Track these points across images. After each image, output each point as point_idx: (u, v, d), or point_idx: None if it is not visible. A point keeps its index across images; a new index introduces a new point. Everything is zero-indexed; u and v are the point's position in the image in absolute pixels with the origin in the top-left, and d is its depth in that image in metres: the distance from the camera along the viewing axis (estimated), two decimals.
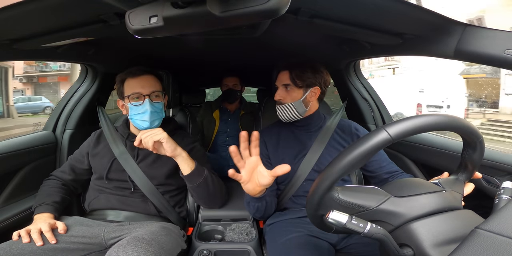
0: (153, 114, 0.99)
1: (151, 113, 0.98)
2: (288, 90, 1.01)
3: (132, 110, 0.99)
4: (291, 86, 1.01)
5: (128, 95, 0.99)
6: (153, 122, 1.00)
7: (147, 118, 0.98)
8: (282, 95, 1.02)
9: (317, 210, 0.51)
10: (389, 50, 0.95)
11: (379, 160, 1.01)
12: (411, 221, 0.46)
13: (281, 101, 1.02)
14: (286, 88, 1.02)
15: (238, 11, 0.43)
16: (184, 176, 0.96)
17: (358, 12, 0.67)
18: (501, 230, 0.35)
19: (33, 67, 13.76)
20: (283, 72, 1.02)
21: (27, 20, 0.66)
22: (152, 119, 0.99)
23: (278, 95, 1.02)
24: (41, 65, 13.57)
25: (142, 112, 0.98)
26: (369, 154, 0.44)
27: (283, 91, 1.02)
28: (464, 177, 0.57)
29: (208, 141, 1.95)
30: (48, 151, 1.24)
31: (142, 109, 0.98)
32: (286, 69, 1.02)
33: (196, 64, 1.69)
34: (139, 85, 0.99)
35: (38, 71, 13.87)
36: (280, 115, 1.04)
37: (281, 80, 1.02)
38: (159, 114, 1.02)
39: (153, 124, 1.00)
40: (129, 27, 0.50)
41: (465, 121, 0.49)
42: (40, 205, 0.94)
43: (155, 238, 0.81)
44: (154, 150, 0.91)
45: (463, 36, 0.67)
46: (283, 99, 1.02)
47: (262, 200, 0.88)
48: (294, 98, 1.01)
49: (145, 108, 0.97)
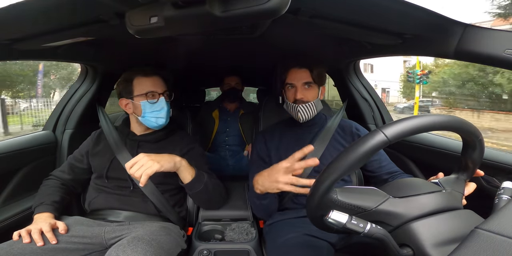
0: (168, 111, 1.04)
1: (167, 111, 1.03)
2: (308, 88, 0.99)
3: (147, 108, 1.00)
4: (312, 84, 0.99)
5: (143, 93, 1.00)
6: (168, 119, 1.04)
7: (163, 115, 1.01)
8: (304, 94, 0.99)
9: (317, 211, 0.51)
10: (389, 50, 0.95)
11: (379, 160, 1.01)
12: (411, 221, 0.46)
13: (302, 100, 0.98)
14: (307, 86, 0.99)
15: (238, 11, 0.43)
16: (185, 184, 0.96)
17: (358, 12, 0.67)
18: (501, 230, 0.35)
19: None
20: (302, 69, 0.99)
21: (27, 20, 0.66)
22: (167, 116, 1.03)
23: (300, 93, 0.98)
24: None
25: (159, 109, 1.01)
26: (366, 156, 0.44)
27: (304, 89, 0.99)
28: (465, 176, 0.57)
29: (207, 141, 1.95)
30: (48, 151, 1.24)
31: (159, 107, 1.01)
32: (305, 66, 0.99)
33: (196, 64, 1.69)
34: (152, 83, 1.02)
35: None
36: (302, 115, 0.99)
37: (301, 78, 0.99)
38: (169, 112, 1.05)
39: (167, 120, 1.04)
40: (129, 27, 0.50)
41: (463, 120, 0.49)
42: (39, 204, 0.94)
43: (155, 238, 0.81)
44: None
45: (463, 36, 0.67)
46: (305, 97, 0.99)
47: (265, 198, 0.89)
48: (314, 96, 1.00)
49: (161, 105, 1.01)
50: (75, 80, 1.40)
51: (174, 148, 1.06)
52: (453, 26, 0.67)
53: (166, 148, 1.06)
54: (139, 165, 0.81)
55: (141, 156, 0.83)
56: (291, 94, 1.01)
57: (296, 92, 0.99)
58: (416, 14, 0.64)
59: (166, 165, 0.86)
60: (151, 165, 0.82)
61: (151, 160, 0.83)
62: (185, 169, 0.93)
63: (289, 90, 1.02)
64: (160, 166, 0.83)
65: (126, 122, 1.13)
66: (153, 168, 0.81)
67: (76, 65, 9.17)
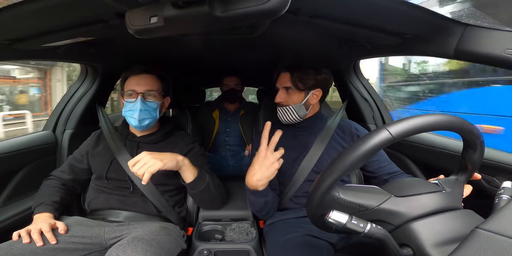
0: (143, 112, 0.99)
1: (141, 111, 0.98)
2: (289, 92, 0.99)
3: (126, 106, 1.01)
4: (292, 89, 0.99)
5: (124, 91, 1.01)
6: (142, 120, 1.00)
7: (136, 115, 0.98)
8: (283, 98, 1.00)
9: (317, 210, 0.51)
10: (389, 50, 0.95)
11: (379, 161, 1.01)
12: (411, 221, 0.46)
13: (282, 103, 1.00)
14: (287, 91, 1.00)
15: (238, 11, 0.43)
16: (187, 184, 0.95)
17: (358, 12, 0.67)
18: (501, 230, 0.35)
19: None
20: (284, 73, 1.00)
21: (27, 20, 0.66)
22: (141, 117, 0.99)
23: (278, 97, 1.00)
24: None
25: (133, 109, 0.99)
26: (370, 153, 0.44)
27: (283, 93, 1.00)
28: (464, 177, 0.57)
29: (208, 141, 1.95)
30: (48, 151, 1.24)
31: (134, 106, 0.99)
32: (287, 70, 0.99)
33: (196, 64, 1.69)
34: (136, 82, 1.00)
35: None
36: (280, 117, 1.02)
37: (282, 82, 1.00)
38: (151, 113, 1.01)
39: (142, 122, 1.00)
40: (129, 27, 0.50)
41: (466, 121, 0.49)
42: (39, 205, 0.94)
43: (155, 238, 0.81)
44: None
45: (463, 36, 0.67)
46: (284, 101, 1.00)
47: (266, 194, 0.89)
48: (295, 101, 0.99)
49: (136, 105, 0.98)
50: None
51: (174, 148, 1.06)
52: (453, 26, 0.67)
53: (166, 148, 1.05)
54: (142, 163, 0.81)
55: (144, 154, 0.83)
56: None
57: (276, 95, 1.01)
58: (416, 14, 0.64)
59: (169, 163, 0.86)
60: (154, 163, 0.81)
61: (153, 158, 0.83)
62: (188, 168, 0.93)
63: (277, 92, 1.03)
64: (163, 164, 0.83)
65: (125, 122, 1.13)
66: (156, 166, 0.81)
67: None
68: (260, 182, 0.84)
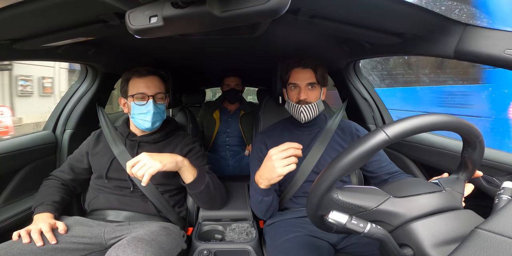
0: (155, 115, 1.00)
1: (154, 114, 0.99)
2: (312, 89, 0.99)
3: (135, 109, 1.00)
4: (315, 85, 0.99)
5: (133, 94, 1.00)
6: (154, 122, 1.01)
7: (149, 118, 0.99)
8: (308, 94, 0.98)
9: (317, 211, 0.51)
10: (389, 50, 0.95)
11: (379, 161, 1.01)
12: (411, 221, 0.46)
13: (306, 101, 0.98)
14: (310, 87, 0.99)
15: (238, 11, 0.43)
16: (187, 184, 0.95)
17: (358, 12, 0.67)
18: (501, 230, 0.35)
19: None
20: (306, 69, 0.99)
21: (27, 20, 0.66)
22: (154, 120, 1.00)
23: (304, 94, 0.97)
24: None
25: (145, 112, 0.99)
26: (367, 155, 0.44)
27: (308, 90, 0.99)
28: (464, 176, 0.57)
29: (208, 141, 1.96)
30: (48, 151, 1.24)
31: (145, 109, 0.99)
32: (309, 67, 0.99)
33: (196, 64, 1.69)
34: (145, 85, 1.00)
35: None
36: (304, 115, 0.98)
37: (305, 78, 0.98)
38: (161, 115, 1.03)
39: (154, 124, 1.01)
40: (129, 27, 0.50)
41: (464, 120, 0.49)
42: (39, 205, 0.94)
43: (155, 238, 0.81)
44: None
45: (463, 36, 0.67)
46: (308, 98, 0.98)
47: (271, 193, 0.90)
48: (316, 97, 0.99)
49: (148, 108, 0.99)
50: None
51: (174, 148, 1.06)
52: (453, 26, 0.67)
53: (166, 148, 1.06)
54: (141, 164, 0.81)
55: (143, 155, 0.83)
56: (294, 94, 1.00)
57: (300, 92, 0.98)
58: (416, 14, 0.64)
59: (168, 164, 0.86)
60: (153, 164, 0.81)
61: (153, 159, 0.82)
62: (187, 169, 0.93)
63: (292, 90, 1.01)
64: (162, 166, 0.83)
65: (126, 122, 1.13)
66: (155, 167, 0.81)
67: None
68: (264, 183, 0.85)
